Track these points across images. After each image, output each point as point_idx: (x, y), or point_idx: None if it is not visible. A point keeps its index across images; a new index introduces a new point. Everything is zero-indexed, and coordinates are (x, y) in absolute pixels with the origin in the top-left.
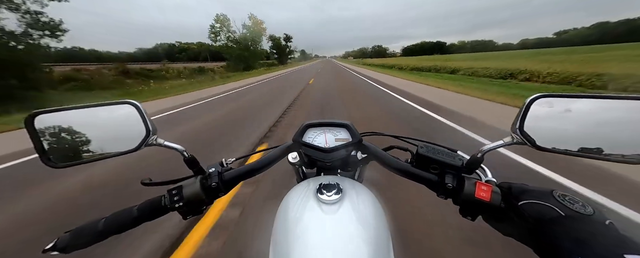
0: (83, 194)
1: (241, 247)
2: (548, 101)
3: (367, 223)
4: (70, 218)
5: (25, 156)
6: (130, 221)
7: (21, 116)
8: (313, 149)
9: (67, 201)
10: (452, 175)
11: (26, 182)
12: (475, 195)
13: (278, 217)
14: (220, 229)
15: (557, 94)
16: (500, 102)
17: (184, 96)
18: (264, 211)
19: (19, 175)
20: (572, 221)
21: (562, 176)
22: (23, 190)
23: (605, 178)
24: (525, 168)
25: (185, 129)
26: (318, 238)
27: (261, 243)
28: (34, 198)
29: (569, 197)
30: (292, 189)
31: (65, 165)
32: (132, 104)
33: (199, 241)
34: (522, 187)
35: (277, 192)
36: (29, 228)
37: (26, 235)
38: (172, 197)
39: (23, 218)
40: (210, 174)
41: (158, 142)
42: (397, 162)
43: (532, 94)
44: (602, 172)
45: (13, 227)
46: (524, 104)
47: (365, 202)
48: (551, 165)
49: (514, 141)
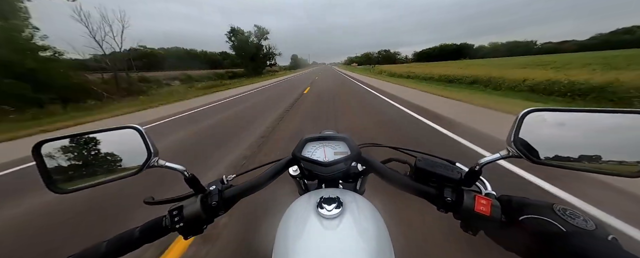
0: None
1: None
2: (540, 115)
3: (369, 238)
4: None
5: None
6: (132, 243)
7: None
8: (312, 163)
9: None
10: (451, 188)
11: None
12: (474, 209)
13: (279, 233)
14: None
15: (549, 108)
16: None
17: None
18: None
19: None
20: (574, 237)
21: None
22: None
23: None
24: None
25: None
26: (319, 255)
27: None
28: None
29: (570, 211)
30: (292, 203)
31: (70, 191)
32: (134, 128)
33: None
34: (522, 200)
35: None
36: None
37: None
38: (172, 218)
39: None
40: (210, 192)
41: (160, 164)
42: (395, 175)
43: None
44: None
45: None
46: (516, 117)
47: (366, 215)
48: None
49: (509, 154)
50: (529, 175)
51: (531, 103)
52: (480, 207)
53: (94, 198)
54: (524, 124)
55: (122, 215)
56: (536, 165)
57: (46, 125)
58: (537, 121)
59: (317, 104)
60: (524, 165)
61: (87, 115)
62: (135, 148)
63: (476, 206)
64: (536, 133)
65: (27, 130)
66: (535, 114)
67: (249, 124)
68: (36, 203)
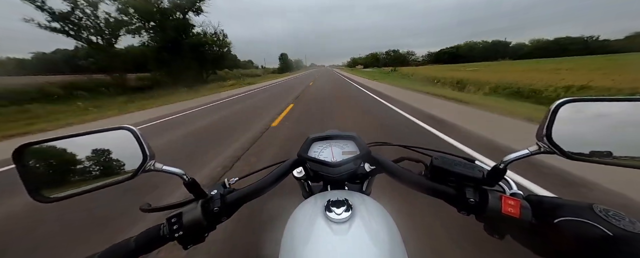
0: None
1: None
2: (576, 106)
3: (381, 242)
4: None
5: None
6: (127, 254)
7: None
8: (320, 164)
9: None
10: (472, 188)
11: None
12: (502, 211)
13: (285, 238)
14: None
15: (586, 98)
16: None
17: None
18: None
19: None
20: (622, 241)
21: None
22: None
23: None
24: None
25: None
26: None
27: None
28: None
29: (613, 212)
30: (298, 207)
31: (57, 199)
32: (128, 129)
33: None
34: (554, 200)
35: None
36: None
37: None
38: (171, 226)
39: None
40: (212, 197)
41: (156, 168)
42: (410, 174)
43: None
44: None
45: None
46: (549, 109)
47: (377, 218)
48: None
49: (541, 150)
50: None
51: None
52: (508, 208)
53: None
54: (558, 117)
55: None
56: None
57: None
58: (573, 113)
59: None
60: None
61: None
62: (129, 151)
63: (503, 207)
64: (571, 126)
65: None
66: (570, 105)
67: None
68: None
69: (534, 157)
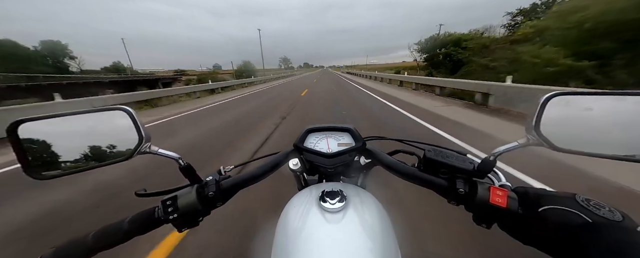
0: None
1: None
2: (564, 99)
3: (374, 232)
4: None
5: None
6: (120, 235)
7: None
8: (315, 155)
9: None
10: (463, 179)
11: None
12: (490, 200)
13: (279, 227)
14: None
15: (574, 91)
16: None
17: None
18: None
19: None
20: (601, 228)
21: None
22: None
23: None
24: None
25: None
26: (322, 249)
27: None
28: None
29: (594, 201)
30: (293, 197)
31: (51, 176)
32: (124, 110)
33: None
34: (540, 191)
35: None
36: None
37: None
38: (166, 208)
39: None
40: (207, 183)
41: (152, 150)
42: (404, 166)
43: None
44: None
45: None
46: (538, 103)
47: (371, 209)
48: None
49: (529, 142)
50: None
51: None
52: (495, 199)
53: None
54: (546, 110)
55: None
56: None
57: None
58: (561, 106)
59: None
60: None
61: None
62: (126, 132)
63: (491, 198)
64: (560, 119)
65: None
66: (559, 99)
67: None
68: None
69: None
